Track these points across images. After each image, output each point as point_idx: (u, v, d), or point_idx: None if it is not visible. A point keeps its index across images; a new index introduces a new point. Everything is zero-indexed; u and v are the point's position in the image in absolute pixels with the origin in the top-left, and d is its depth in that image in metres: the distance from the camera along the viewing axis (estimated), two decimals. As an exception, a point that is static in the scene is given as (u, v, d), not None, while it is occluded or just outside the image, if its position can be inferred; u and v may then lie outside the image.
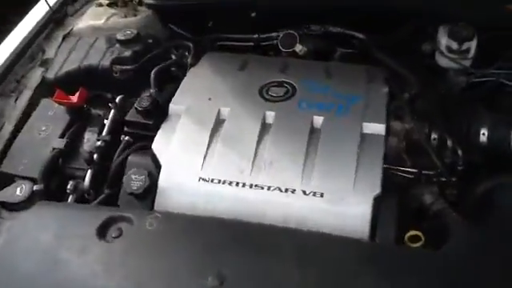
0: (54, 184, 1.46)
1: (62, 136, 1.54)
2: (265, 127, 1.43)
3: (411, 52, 1.70)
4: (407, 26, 1.69)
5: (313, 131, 1.40)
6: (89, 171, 1.45)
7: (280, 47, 1.81)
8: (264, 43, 1.86)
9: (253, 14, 1.81)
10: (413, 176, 1.40)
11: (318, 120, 1.42)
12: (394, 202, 1.28)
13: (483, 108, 1.49)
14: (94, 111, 1.66)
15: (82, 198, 1.43)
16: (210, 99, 1.52)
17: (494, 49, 1.57)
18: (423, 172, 1.39)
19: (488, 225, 1.25)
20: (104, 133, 1.53)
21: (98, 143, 1.50)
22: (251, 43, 1.87)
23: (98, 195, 1.43)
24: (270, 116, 1.45)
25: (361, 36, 1.78)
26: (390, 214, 1.26)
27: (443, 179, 1.37)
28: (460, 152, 1.38)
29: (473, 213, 1.29)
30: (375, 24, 1.72)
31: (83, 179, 1.45)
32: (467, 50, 1.55)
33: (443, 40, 1.58)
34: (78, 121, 1.59)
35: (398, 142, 1.43)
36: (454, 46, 1.55)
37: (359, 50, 1.78)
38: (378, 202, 1.27)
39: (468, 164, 1.39)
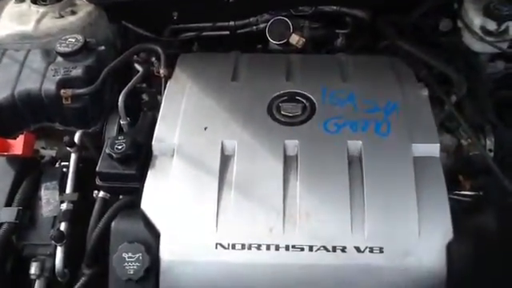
0: (8, 267, 1.11)
1: (8, 203, 1.13)
2: (288, 163, 1.10)
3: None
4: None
5: (351, 161, 1.09)
6: (59, 248, 1.07)
7: (269, 38, 1.46)
8: (241, 31, 1.54)
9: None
10: (471, 199, 1.15)
11: (355, 145, 1.10)
12: (471, 248, 1.01)
13: None
14: (44, 153, 1.25)
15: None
16: (205, 129, 1.16)
17: None
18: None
19: None
20: (68, 189, 1.14)
21: (64, 206, 1.11)
22: (226, 32, 1.54)
23: (74, 276, 1.10)
24: (292, 146, 1.11)
25: (362, 15, 1.47)
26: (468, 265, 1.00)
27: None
28: None
29: None
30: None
31: (50, 256, 1.09)
32: (506, 31, 1.28)
33: (476, 19, 1.29)
34: (27, 175, 1.17)
35: (450, 160, 1.16)
36: (492, 26, 1.28)
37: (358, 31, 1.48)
38: (450, 250, 1.00)
39: None
